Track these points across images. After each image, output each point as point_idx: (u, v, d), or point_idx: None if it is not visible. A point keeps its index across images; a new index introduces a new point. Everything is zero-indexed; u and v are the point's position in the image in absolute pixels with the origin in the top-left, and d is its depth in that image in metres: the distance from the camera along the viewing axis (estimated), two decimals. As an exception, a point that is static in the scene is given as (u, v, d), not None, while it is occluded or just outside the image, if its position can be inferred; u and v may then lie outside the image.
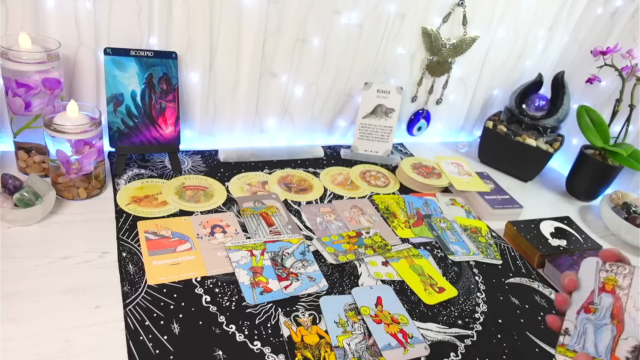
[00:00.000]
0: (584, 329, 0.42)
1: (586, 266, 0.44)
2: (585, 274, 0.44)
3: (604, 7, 1.16)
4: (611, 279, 0.43)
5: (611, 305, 0.42)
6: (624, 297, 0.42)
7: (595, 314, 0.42)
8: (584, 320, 0.43)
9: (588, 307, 0.43)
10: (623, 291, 0.42)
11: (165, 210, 0.79)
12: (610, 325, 0.41)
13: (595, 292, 0.43)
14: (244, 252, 0.73)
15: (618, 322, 0.41)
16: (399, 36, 1.06)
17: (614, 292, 0.42)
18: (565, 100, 1.11)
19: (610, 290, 0.42)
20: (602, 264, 0.43)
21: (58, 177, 0.75)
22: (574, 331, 0.43)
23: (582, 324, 0.43)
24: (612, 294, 0.42)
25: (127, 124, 0.86)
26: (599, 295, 0.43)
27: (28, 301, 0.59)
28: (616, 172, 1.07)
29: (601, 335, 0.41)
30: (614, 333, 0.41)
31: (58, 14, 0.77)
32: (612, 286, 0.42)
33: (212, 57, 0.91)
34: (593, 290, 0.43)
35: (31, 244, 0.67)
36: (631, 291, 0.41)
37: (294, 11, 0.92)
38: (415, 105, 1.20)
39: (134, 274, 0.66)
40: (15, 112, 0.75)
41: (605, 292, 0.42)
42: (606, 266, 0.43)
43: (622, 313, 0.41)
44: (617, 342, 0.40)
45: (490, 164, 1.20)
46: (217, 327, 0.60)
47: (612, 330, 0.41)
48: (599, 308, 0.42)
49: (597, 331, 0.42)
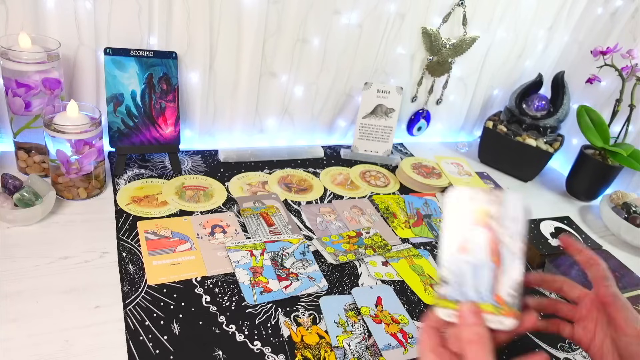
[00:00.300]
0: (461, 272, 0.38)
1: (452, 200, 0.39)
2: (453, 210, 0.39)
3: (604, 7, 1.16)
4: (482, 210, 0.38)
5: (487, 240, 0.37)
6: (497, 228, 0.37)
7: (471, 253, 0.38)
8: (460, 263, 0.38)
9: (463, 247, 0.38)
10: (496, 221, 0.37)
11: (165, 210, 0.79)
12: (488, 263, 0.37)
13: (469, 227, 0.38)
14: (244, 252, 0.73)
15: (496, 257, 0.37)
16: (399, 36, 1.06)
17: (487, 224, 0.37)
18: (565, 100, 1.11)
19: (483, 223, 0.38)
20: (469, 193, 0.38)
21: (58, 177, 0.75)
22: (451, 278, 0.38)
23: (460, 268, 0.38)
24: (486, 226, 0.38)
25: (127, 124, 0.86)
26: (472, 231, 0.38)
27: (28, 301, 0.59)
28: (616, 172, 1.07)
29: (481, 276, 0.37)
30: (493, 270, 0.37)
31: (58, 14, 0.77)
32: (484, 218, 0.38)
33: (212, 57, 0.91)
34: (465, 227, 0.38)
35: (31, 244, 0.67)
36: (504, 220, 0.37)
37: (294, 11, 0.92)
38: (415, 105, 1.20)
39: (134, 274, 0.66)
40: (15, 112, 0.75)
41: (478, 226, 0.38)
42: (474, 195, 0.38)
43: (499, 246, 0.37)
44: (498, 280, 0.37)
45: (490, 164, 1.20)
46: (217, 327, 0.60)
47: (492, 267, 0.37)
48: (474, 246, 0.38)
49: (476, 272, 0.37)
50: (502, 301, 0.36)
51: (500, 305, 0.36)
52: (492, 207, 0.37)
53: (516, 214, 0.37)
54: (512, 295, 0.36)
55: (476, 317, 0.36)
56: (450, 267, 0.38)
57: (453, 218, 0.38)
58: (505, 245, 0.37)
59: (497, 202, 0.37)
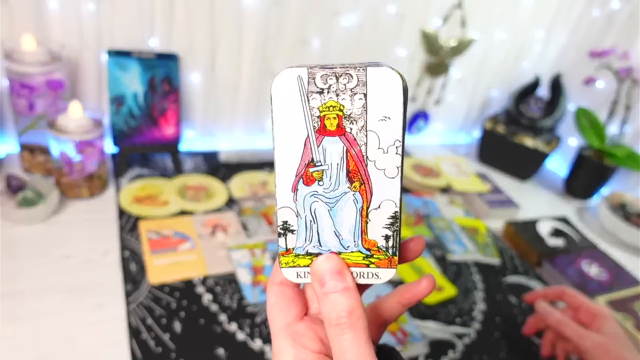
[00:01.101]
0: (312, 212, 0.26)
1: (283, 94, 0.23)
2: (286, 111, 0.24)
3: (601, 9, 1.17)
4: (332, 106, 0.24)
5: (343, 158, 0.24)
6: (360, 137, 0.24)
7: (321, 181, 0.25)
8: (307, 198, 0.25)
9: (307, 173, 0.25)
10: (356, 124, 0.24)
11: (166, 210, 0.80)
12: (350, 194, 0.25)
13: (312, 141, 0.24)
14: (245, 251, 0.74)
15: (361, 184, 0.25)
16: (399, 37, 1.07)
17: (342, 131, 0.24)
18: (562, 101, 1.12)
19: (335, 129, 0.24)
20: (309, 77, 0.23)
21: (61, 177, 0.76)
22: (297, 222, 0.26)
23: (307, 206, 0.25)
24: (340, 135, 0.24)
25: (129, 124, 0.86)
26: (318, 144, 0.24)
27: (31, 300, 0.59)
28: (613, 173, 1.08)
29: (340, 214, 0.25)
30: (359, 204, 0.25)
31: (61, 16, 0.78)
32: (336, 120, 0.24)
33: (213, 58, 0.92)
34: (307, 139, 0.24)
35: (34, 243, 0.68)
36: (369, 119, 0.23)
37: (294, 13, 0.93)
38: (414, 105, 1.21)
39: (136, 273, 0.66)
40: (20, 112, 0.76)
41: (328, 136, 0.24)
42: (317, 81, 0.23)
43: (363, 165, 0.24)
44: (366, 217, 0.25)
45: (489, 164, 1.21)
46: (218, 326, 0.61)
47: (355, 199, 0.25)
48: (324, 169, 0.25)
49: (333, 210, 0.25)
50: (374, 246, 0.26)
51: (371, 252, 0.26)
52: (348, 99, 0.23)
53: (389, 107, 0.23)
54: (388, 236, 0.25)
55: (340, 276, 0.26)
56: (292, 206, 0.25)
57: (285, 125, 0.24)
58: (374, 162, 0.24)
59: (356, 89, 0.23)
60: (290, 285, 0.29)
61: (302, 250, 0.27)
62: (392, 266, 0.26)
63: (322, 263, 0.26)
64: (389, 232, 0.25)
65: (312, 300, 0.30)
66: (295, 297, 0.29)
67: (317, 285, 0.26)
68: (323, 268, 0.26)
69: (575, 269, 0.84)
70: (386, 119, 0.23)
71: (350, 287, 0.26)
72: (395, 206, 0.25)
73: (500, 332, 0.70)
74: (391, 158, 0.24)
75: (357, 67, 0.23)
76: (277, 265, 0.28)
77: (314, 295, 0.28)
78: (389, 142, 0.24)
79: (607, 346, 0.52)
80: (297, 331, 0.28)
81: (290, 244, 0.27)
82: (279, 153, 0.25)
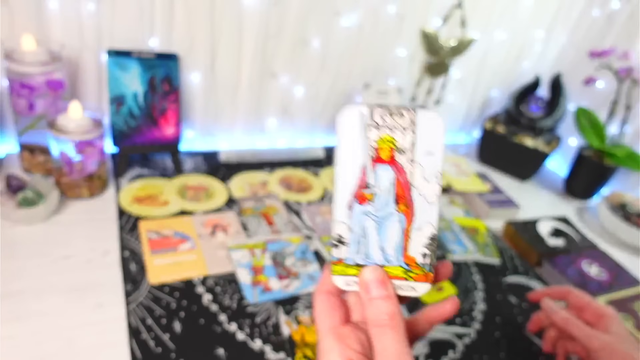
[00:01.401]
0: (363, 228, 0.30)
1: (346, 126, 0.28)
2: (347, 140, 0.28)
3: (601, 9, 1.17)
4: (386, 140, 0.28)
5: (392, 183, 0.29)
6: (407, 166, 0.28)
7: (372, 202, 0.29)
8: (359, 215, 0.29)
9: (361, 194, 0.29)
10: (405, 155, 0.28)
11: (166, 210, 0.80)
12: (396, 215, 0.29)
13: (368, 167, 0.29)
14: (245, 251, 0.74)
15: (406, 207, 0.29)
16: (399, 37, 1.07)
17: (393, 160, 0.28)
18: (562, 101, 1.12)
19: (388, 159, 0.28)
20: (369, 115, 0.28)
21: (61, 177, 0.76)
22: (349, 236, 0.30)
23: (359, 222, 0.29)
24: (391, 164, 0.29)
25: (129, 124, 0.86)
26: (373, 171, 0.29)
27: (31, 300, 0.59)
28: (613, 173, 1.08)
29: (386, 232, 0.29)
30: (403, 224, 0.29)
31: (61, 16, 0.78)
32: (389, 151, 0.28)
33: (213, 58, 0.92)
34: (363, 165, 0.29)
35: (34, 243, 0.68)
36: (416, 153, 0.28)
37: (294, 13, 0.93)
38: (415, 106, 1.21)
39: (135, 273, 0.66)
40: (19, 112, 0.76)
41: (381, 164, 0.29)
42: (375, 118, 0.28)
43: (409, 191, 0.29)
44: (408, 236, 0.29)
45: (489, 164, 1.21)
46: (218, 326, 0.61)
47: (400, 220, 0.29)
48: (376, 191, 0.29)
49: (380, 227, 0.29)
50: (413, 263, 0.29)
51: (411, 267, 0.29)
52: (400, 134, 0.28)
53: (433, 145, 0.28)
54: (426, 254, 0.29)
55: (383, 285, 0.29)
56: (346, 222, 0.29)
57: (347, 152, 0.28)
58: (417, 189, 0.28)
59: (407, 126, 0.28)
60: (335, 294, 0.33)
61: (351, 261, 0.30)
62: (427, 281, 0.30)
63: (369, 273, 0.30)
64: (427, 251, 0.30)
65: (353, 309, 0.33)
66: (339, 304, 0.33)
67: (364, 292, 0.30)
68: (369, 278, 0.30)
69: (575, 269, 0.83)
70: (430, 154, 0.28)
71: (392, 295, 0.30)
72: (434, 228, 0.29)
73: (500, 332, 0.70)
74: (432, 187, 0.29)
75: (409, 108, 0.28)
76: (326, 275, 0.33)
77: (356, 304, 0.33)
78: (431, 173, 0.29)
79: (615, 346, 0.52)
80: (342, 333, 0.31)
81: (342, 255, 0.30)
82: (339, 175, 0.29)
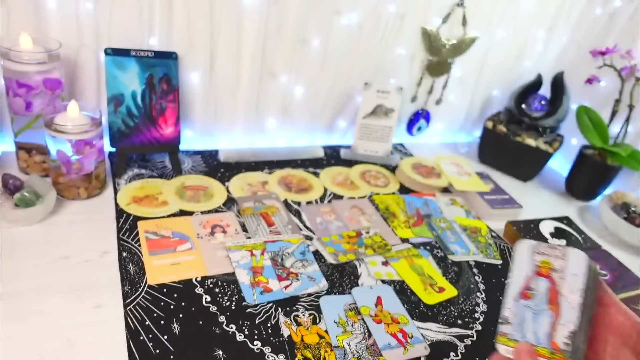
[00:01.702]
0: (523, 316, 0.41)
1: (520, 250, 0.44)
2: (520, 258, 0.43)
3: (603, 7, 1.16)
4: (546, 262, 0.42)
5: (547, 290, 0.41)
6: (558, 280, 0.41)
7: (532, 299, 0.41)
8: (522, 307, 0.42)
9: (525, 293, 0.42)
10: (557, 274, 0.41)
11: (165, 210, 0.79)
12: (547, 311, 0.40)
13: (531, 277, 0.42)
14: (244, 252, 0.73)
15: (555, 307, 0.40)
16: (399, 36, 1.06)
17: (548, 275, 0.41)
18: (564, 101, 1.11)
19: (545, 274, 0.42)
20: (537, 246, 0.43)
21: (59, 177, 0.76)
22: (513, 319, 0.42)
23: (521, 311, 0.42)
24: (548, 277, 0.41)
25: (127, 124, 0.86)
26: (535, 280, 0.42)
27: (29, 300, 0.59)
28: (615, 172, 1.08)
29: (540, 322, 0.40)
30: (552, 318, 0.40)
31: (59, 14, 0.77)
32: (547, 270, 0.42)
33: (212, 57, 0.92)
34: (528, 275, 0.42)
35: (32, 244, 0.67)
36: (565, 274, 0.41)
37: (294, 12, 0.92)
38: (415, 105, 1.21)
39: (134, 274, 0.66)
40: (16, 112, 0.75)
41: (540, 276, 0.42)
42: (540, 249, 0.43)
43: (558, 297, 0.40)
44: (555, 328, 0.40)
45: (490, 164, 1.20)
46: (217, 327, 0.61)
47: (550, 315, 0.40)
48: (535, 293, 0.41)
49: (536, 317, 0.41)
50: (557, 348, 0.39)
51: (555, 351, 0.39)
52: (556, 261, 0.42)
53: (577, 270, 0.41)
54: (567, 344, 0.39)
55: (531, 356, 0.39)
56: (513, 309, 0.42)
57: (520, 266, 0.43)
58: (564, 297, 0.40)
59: (560, 256, 0.41)
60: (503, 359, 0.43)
61: (512, 337, 0.41)
62: None
63: (523, 346, 0.40)
64: (568, 341, 0.39)
65: None
66: None
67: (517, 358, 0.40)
68: (523, 349, 0.39)
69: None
70: (575, 275, 0.40)
71: None
72: (574, 326, 0.39)
73: (502, 334, 0.69)
74: (574, 297, 0.40)
75: (564, 247, 0.42)
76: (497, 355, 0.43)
77: None
78: (575, 287, 0.40)
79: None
80: None
81: (506, 331, 0.42)
82: (514, 278, 0.43)
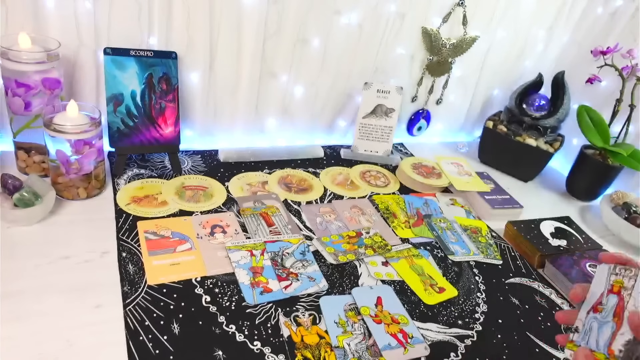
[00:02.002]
0: (590, 326, 0.46)
1: (600, 271, 0.49)
2: (598, 278, 0.48)
3: (604, 7, 1.16)
4: (619, 281, 0.47)
5: (615, 305, 0.46)
6: (626, 297, 0.45)
7: (601, 313, 0.46)
8: (591, 318, 0.47)
9: (596, 307, 0.47)
10: (627, 291, 0.46)
11: (165, 210, 0.79)
12: (611, 322, 0.45)
13: (604, 294, 0.47)
14: (244, 252, 0.73)
15: (618, 320, 0.45)
16: (399, 36, 1.06)
17: (619, 292, 0.46)
18: (565, 100, 1.11)
19: (616, 291, 0.46)
20: (614, 268, 0.47)
21: (58, 177, 0.75)
22: (582, 329, 0.47)
23: (589, 322, 0.47)
24: (617, 294, 0.46)
25: (127, 123, 0.86)
26: (606, 296, 0.47)
27: (29, 300, 0.59)
28: (616, 172, 1.07)
29: (603, 331, 0.45)
30: (613, 329, 0.45)
31: (58, 14, 0.77)
32: (618, 287, 0.46)
33: (212, 57, 0.91)
34: (603, 292, 0.47)
35: (32, 244, 0.67)
36: (633, 292, 0.45)
37: (294, 11, 0.92)
38: (415, 105, 1.20)
39: (134, 274, 0.66)
40: (15, 112, 0.75)
41: (612, 293, 0.47)
42: (616, 270, 0.47)
43: (623, 311, 0.45)
44: (614, 337, 0.44)
45: (490, 164, 1.20)
46: (217, 327, 0.60)
47: (612, 326, 0.45)
48: (605, 308, 0.46)
49: (600, 328, 0.46)
50: (612, 354, 0.43)
51: (609, 356, 0.44)
52: (628, 280, 0.46)
53: None
54: (621, 350, 0.43)
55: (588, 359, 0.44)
56: (583, 320, 0.47)
57: (597, 285, 0.48)
58: (629, 311, 0.45)
59: (633, 277, 0.46)
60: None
61: (578, 344, 0.46)
62: None
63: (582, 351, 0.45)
64: (622, 348, 0.43)
65: None
66: None
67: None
68: (581, 353, 0.44)
69: (578, 270, 0.83)
70: None
71: None
72: (630, 335, 0.43)
73: (502, 334, 0.69)
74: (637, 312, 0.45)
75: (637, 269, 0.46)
76: None
77: None
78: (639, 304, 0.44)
79: None
80: None
81: (574, 338, 0.47)
82: (590, 296, 0.47)
